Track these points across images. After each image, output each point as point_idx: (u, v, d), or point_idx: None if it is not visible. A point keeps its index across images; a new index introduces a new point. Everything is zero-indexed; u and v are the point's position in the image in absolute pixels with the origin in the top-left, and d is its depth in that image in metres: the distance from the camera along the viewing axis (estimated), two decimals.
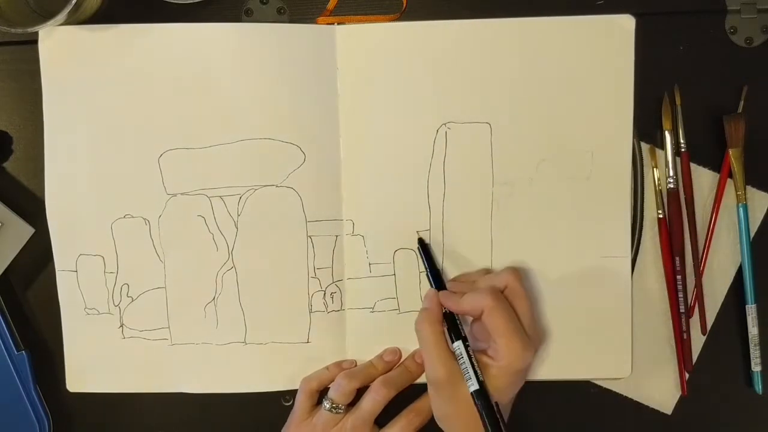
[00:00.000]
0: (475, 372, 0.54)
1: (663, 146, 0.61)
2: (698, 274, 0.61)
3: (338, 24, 0.60)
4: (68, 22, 0.58)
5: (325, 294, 0.62)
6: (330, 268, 0.61)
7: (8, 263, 0.61)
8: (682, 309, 0.61)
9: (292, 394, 0.62)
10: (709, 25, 0.61)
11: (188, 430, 0.64)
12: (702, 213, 0.61)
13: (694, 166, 0.61)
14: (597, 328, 0.60)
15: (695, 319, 0.61)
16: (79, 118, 0.61)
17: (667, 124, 0.60)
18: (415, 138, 0.61)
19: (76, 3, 0.55)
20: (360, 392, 0.60)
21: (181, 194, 0.61)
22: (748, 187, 0.60)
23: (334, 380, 0.60)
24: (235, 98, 0.60)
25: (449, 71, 0.60)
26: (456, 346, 0.55)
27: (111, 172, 0.61)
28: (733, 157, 0.59)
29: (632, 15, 0.59)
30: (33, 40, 0.60)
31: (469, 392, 0.53)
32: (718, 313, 0.62)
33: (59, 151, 0.61)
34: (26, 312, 0.63)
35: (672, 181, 0.60)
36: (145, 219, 0.61)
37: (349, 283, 0.62)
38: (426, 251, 0.60)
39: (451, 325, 0.56)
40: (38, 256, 0.62)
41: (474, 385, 0.53)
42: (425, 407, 0.60)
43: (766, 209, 0.61)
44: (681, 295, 0.60)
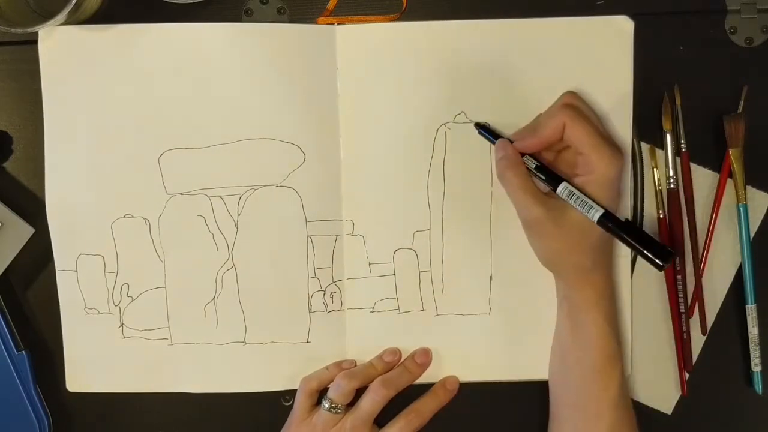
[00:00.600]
0: (592, 199, 0.54)
1: (663, 146, 0.61)
2: (698, 274, 0.61)
3: (338, 24, 0.60)
4: (68, 22, 0.58)
5: (325, 294, 0.62)
6: (330, 268, 0.61)
7: (8, 263, 0.61)
8: (682, 309, 0.61)
9: (292, 394, 0.62)
10: (709, 25, 0.61)
11: (188, 430, 0.64)
12: (702, 213, 0.61)
13: (694, 166, 0.61)
14: None
15: (695, 319, 0.61)
16: (79, 118, 0.61)
17: (667, 124, 0.60)
18: (415, 138, 0.61)
19: (76, 3, 0.55)
20: (360, 393, 0.60)
21: (181, 194, 0.61)
22: (748, 187, 0.60)
23: (333, 380, 0.60)
24: (235, 98, 0.60)
25: (449, 71, 0.60)
26: (562, 187, 0.55)
27: (111, 172, 0.61)
28: (733, 157, 0.59)
29: (632, 15, 0.59)
30: (33, 40, 0.60)
31: (594, 221, 0.53)
32: (718, 313, 0.62)
33: (59, 151, 0.61)
34: (26, 312, 0.63)
35: (672, 181, 0.60)
36: (145, 219, 0.61)
37: (348, 283, 0.62)
38: (486, 128, 0.59)
39: (547, 173, 0.56)
40: (38, 256, 0.62)
41: (598, 211, 0.53)
42: (425, 408, 0.60)
43: (766, 209, 0.61)
44: (681, 295, 0.60)
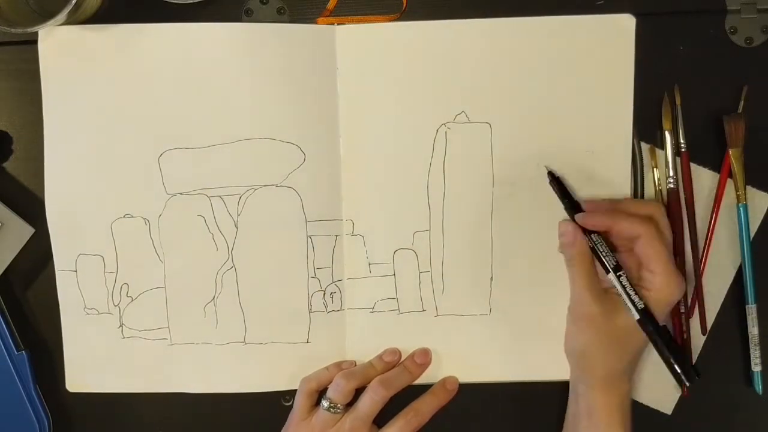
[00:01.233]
0: (638, 296, 0.54)
1: (663, 146, 0.61)
2: (698, 274, 0.61)
3: (338, 24, 0.60)
4: (68, 22, 0.58)
5: (324, 294, 0.62)
6: (330, 268, 0.61)
7: (8, 263, 0.61)
8: (682, 309, 0.61)
9: (292, 394, 0.62)
10: (709, 25, 0.61)
11: (188, 430, 0.64)
12: (702, 213, 0.61)
13: (694, 166, 0.61)
14: None
15: (695, 319, 0.61)
16: (79, 118, 0.61)
17: (667, 124, 0.60)
18: (415, 138, 0.61)
19: (76, 3, 0.55)
20: (360, 393, 0.60)
21: (181, 194, 0.61)
22: (748, 187, 0.60)
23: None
24: (236, 98, 0.60)
25: (449, 71, 0.60)
26: (613, 275, 0.55)
27: (111, 172, 0.61)
28: (733, 157, 0.59)
29: (632, 15, 0.59)
30: (33, 40, 0.60)
31: (633, 319, 0.53)
32: (718, 313, 0.62)
33: (59, 151, 0.61)
34: (26, 312, 0.63)
35: (672, 181, 0.60)
36: (145, 219, 0.61)
37: (348, 283, 0.62)
38: (559, 182, 0.59)
39: (604, 254, 0.55)
40: (38, 256, 0.62)
41: (641, 309, 0.53)
42: (424, 407, 0.60)
43: (766, 209, 0.61)
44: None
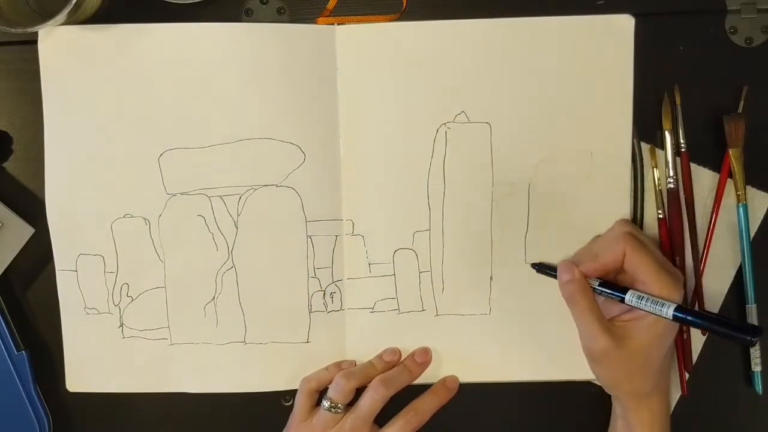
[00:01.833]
0: (665, 299, 0.54)
1: (663, 146, 0.61)
2: (698, 274, 0.61)
3: (338, 24, 0.60)
4: (68, 22, 0.58)
5: (324, 294, 0.62)
6: (330, 268, 0.61)
7: (8, 263, 0.61)
8: None
9: (292, 394, 0.62)
10: (709, 25, 0.61)
11: (188, 430, 0.64)
12: (702, 213, 0.61)
13: (694, 166, 0.61)
14: None
15: None
16: (79, 118, 0.61)
17: (667, 124, 0.60)
18: (415, 138, 0.61)
19: (76, 3, 0.55)
20: (360, 393, 0.60)
21: (181, 194, 0.61)
22: (748, 187, 0.60)
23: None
24: (235, 98, 0.60)
25: (449, 71, 0.60)
26: (630, 294, 0.54)
27: (111, 172, 0.61)
28: (733, 157, 0.59)
29: (632, 15, 0.59)
30: (33, 40, 0.60)
31: (669, 318, 0.53)
32: (718, 314, 0.62)
33: (59, 151, 0.61)
34: (26, 312, 0.63)
35: (672, 181, 0.60)
36: (145, 219, 0.61)
37: (348, 283, 0.62)
38: (545, 267, 0.60)
39: (609, 285, 0.56)
40: (38, 256, 0.62)
41: (671, 307, 0.53)
42: (424, 406, 0.60)
43: (766, 209, 0.61)
44: None
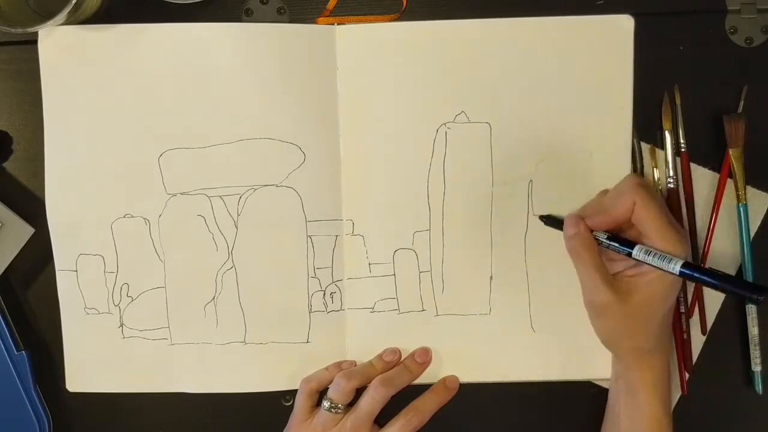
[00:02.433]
0: (669, 254, 0.53)
1: (663, 146, 0.61)
2: None
3: (338, 24, 0.60)
4: (68, 22, 0.58)
5: (325, 294, 0.62)
6: (330, 268, 0.61)
7: (8, 263, 0.61)
8: (682, 309, 0.61)
9: (292, 394, 0.62)
10: (709, 25, 0.61)
11: (188, 430, 0.64)
12: (702, 213, 0.61)
13: (694, 166, 0.61)
14: None
15: (695, 319, 0.61)
16: (78, 118, 0.61)
17: (667, 124, 0.60)
18: (415, 138, 0.61)
19: (76, 3, 0.55)
20: (360, 392, 0.60)
21: (181, 194, 0.61)
22: (748, 187, 0.60)
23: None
24: (235, 98, 0.60)
25: (449, 71, 0.60)
26: (638, 249, 0.54)
27: (111, 172, 0.61)
28: (733, 157, 0.59)
29: (632, 15, 0.59)
30: (33, 40, 0.60)
31: (676, 273, 0.53)
32: (718, 313, 0.62)
33: (59, 151, 0.61)
34: (26, 312, 0.63)
35: (672, 181, 0.60)
36: (145, 219, 0.61)
37: (349, 283, 0.62)
38: (552, 220, 0.59)
39: (617, 239, 0.55)
40: (38, 256, 0.62)
41: (678, 262, 0.53)
42: (425, 406, 0.60)
43: (766, 209, 0.61)
44: (681, 295, 0.60)
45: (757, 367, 0.61)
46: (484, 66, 0.60)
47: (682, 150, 0.60)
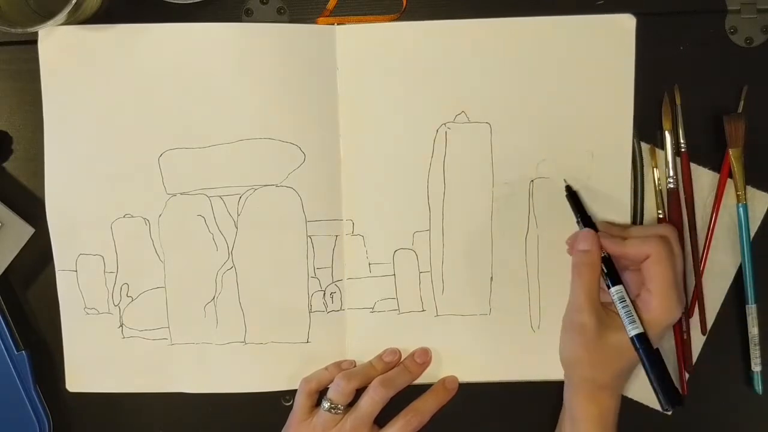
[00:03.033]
0: (638, 316, 0.54)
1: (663, 146, 0.61)
2: (698, 274, 0.61)
3: (338, 24, 0.60)
4: (68, 22, 0.58)
5: (324, 294, 0.62)
6: (330, 268, 0.61)
7: (8, 263, 0.61)
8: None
9: (292, 394, 0.62)
10: (709, 25, 0.61)
11: (188, 430, 0.64)
12: (702, 213, 0.61)
13: (694, 166, 0.61)
14: None
15: (695, 319, 0.61)
16: (79, 117, 0.61)
17: (667, 124, 0.60)
18: (415, 138, 0.61)
19: (76, 3, 0.55)
20: (360, 393, 0.60)
21: (181, 194, 0.61)
22: (748, 187, 0.60)
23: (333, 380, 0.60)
24: (235, 98, 0.60)
25: (449, 71, 0.60)
26: (616, 290, 0.54)
27: (111, 172, 0.61)
28: (733, 157, 0.59)
29: (632, 15, 0.59)
30: (33, 40, 0.60)
31: (628, 337, 0.53)
32: (718, 313, 0.62)
33: (59, 151, 0.61)
34: (26, 312, 0.63)
35: (672, 181, 0.60)
36: (145, 219, 0.61)
37: (348, 283, 0.62)
38: (575, 198, 0.59)
39: (610, 269, 0.56)
40: (38, 256, 0.62)
41: (637, 329, 0.53)
42: (424, 407, 0.60)
43: (766, 209, 0.61)
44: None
45: (757, 367, 0.61)
46: (484, 66, 0.60)
47: (682, 150, 0.60)
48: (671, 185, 0.60)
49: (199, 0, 0.60)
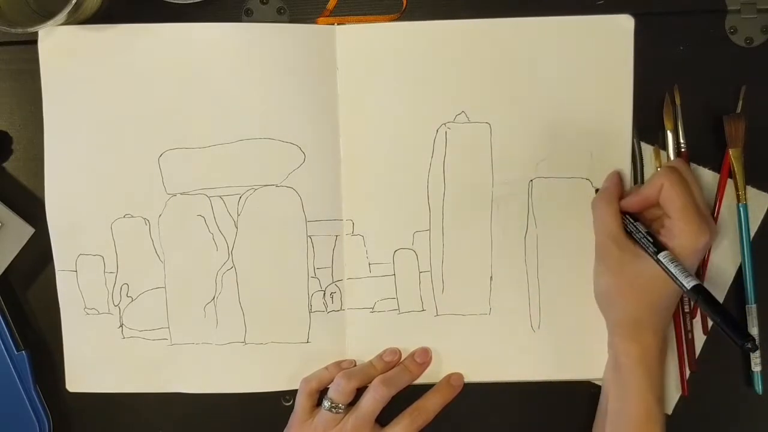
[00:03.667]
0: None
1: (663, 146, 0.61)
2: (699, 274, 0.61)
3: (338, 24, 0.60)
4: (68, 22, 0.58)
5: (325, 294, 0.62)
6: (330, 268, 0.61)
7: (8, 263, 0.61)
8: (687, 309, 0.61)
9: (292, 394, 0.62)
10: (709, 25, 0.61)
11: (188, 430, 0.64)
12: None
13: (694, 166, 0.61)
14: (598, 327, 0.60)
15: (695, 319, 0.61)
16: (79, 117, 0.61)
17: (668, 123, 0.60)
18: (415, 138, 0.61)
19: (76, 3, 0.55)
20: (360, 393, 0.60)
21: (181, 194, 0.61)
22: (748, 187, 0.60)
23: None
24: (236, 98, 0.60)
25: (449, 71, 0.60)
26: (663, 255, 0.54)
27: (111, 172, 0.61)
28: (733, 157, 0.59)
29: (632, 15, 0.59)
30: (33, 40, 0.60)
31: (687, 288, 0.53)
32: None
33: (59, 151, 0.61)
34: (26, 312, 0.63)
35: None
36: (145, 219, 0.61)
37: (349, 283, 0.62)
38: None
39: (652, 238, 0.55)
40: (38, 256, 0.62)
41: (693, 281, 0.53)
42: (429, 405, 0.60)
43: (766, 209, 0.61)
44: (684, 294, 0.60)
45: (757, 367, 0.61)
46: (484, 66, 0.60)
47: (682, 150, 0.60)
48: None
49: (199, 0, 0.60)
